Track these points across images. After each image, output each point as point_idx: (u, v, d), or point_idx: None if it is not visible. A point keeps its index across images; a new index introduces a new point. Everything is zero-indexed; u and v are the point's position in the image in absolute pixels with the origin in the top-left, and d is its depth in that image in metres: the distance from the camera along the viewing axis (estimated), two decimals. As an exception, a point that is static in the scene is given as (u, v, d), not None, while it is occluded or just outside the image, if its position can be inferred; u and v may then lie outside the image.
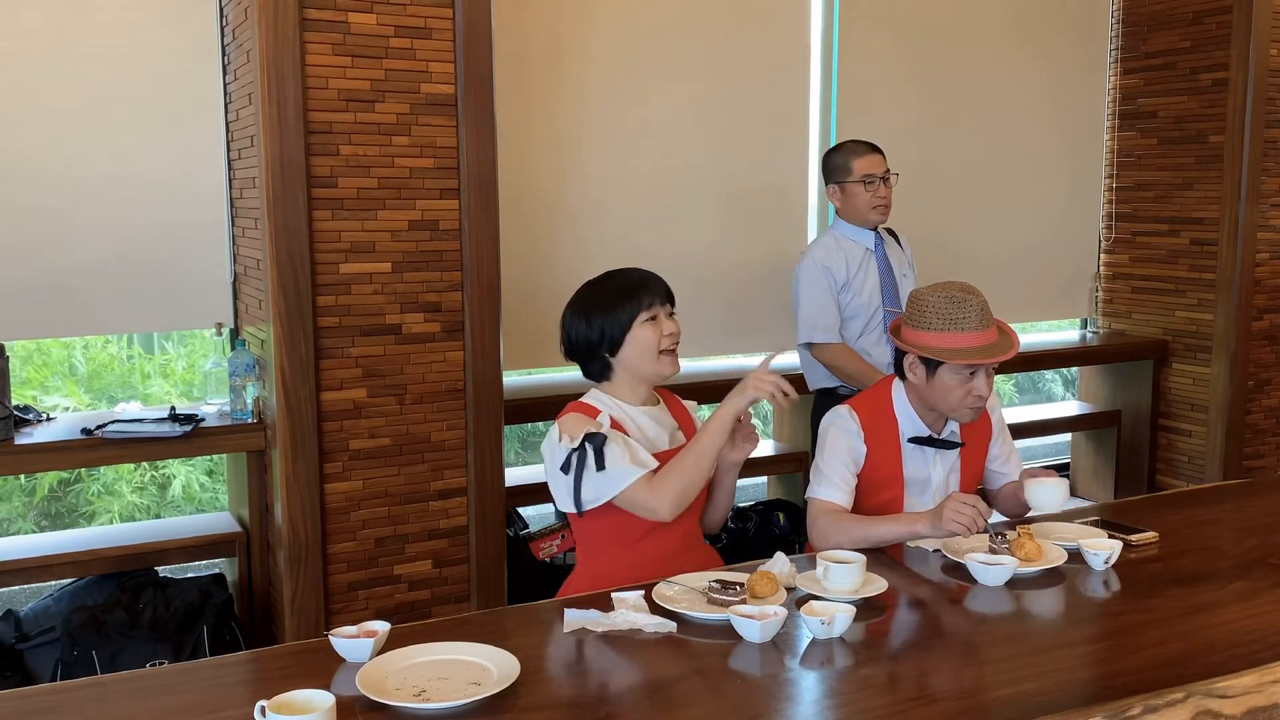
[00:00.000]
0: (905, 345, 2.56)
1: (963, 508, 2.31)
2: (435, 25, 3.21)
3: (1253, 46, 4.67)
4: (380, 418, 3.25)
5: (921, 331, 2.53)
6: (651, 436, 2.40)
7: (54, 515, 5.02)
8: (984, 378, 2.51)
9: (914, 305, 2.57)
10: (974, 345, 2.48)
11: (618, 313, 2.35)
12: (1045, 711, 1.63)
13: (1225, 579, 2.23)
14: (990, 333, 2.52)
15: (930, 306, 2.52)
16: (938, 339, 2.49)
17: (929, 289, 2.57)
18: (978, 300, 2.52)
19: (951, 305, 2.50)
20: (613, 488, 2.26)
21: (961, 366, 2.48)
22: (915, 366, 2.56)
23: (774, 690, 1.76)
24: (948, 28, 4.83)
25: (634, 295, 2.36)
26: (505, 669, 1.75)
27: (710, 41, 4.31)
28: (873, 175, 3.57)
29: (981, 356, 2.47)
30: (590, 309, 2.39)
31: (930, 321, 2.51)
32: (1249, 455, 5.00)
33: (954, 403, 2.53)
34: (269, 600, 3.37)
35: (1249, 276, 4.84)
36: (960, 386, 2.50)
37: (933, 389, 2.54)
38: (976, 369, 2.49)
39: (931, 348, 2.49)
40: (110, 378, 5.35)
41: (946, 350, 2.48)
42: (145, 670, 2.17)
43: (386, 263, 3.22)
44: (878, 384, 2.74)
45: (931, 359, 2.50)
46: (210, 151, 3.48)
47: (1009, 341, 2.54)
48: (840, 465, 2.57)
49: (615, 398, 2.41)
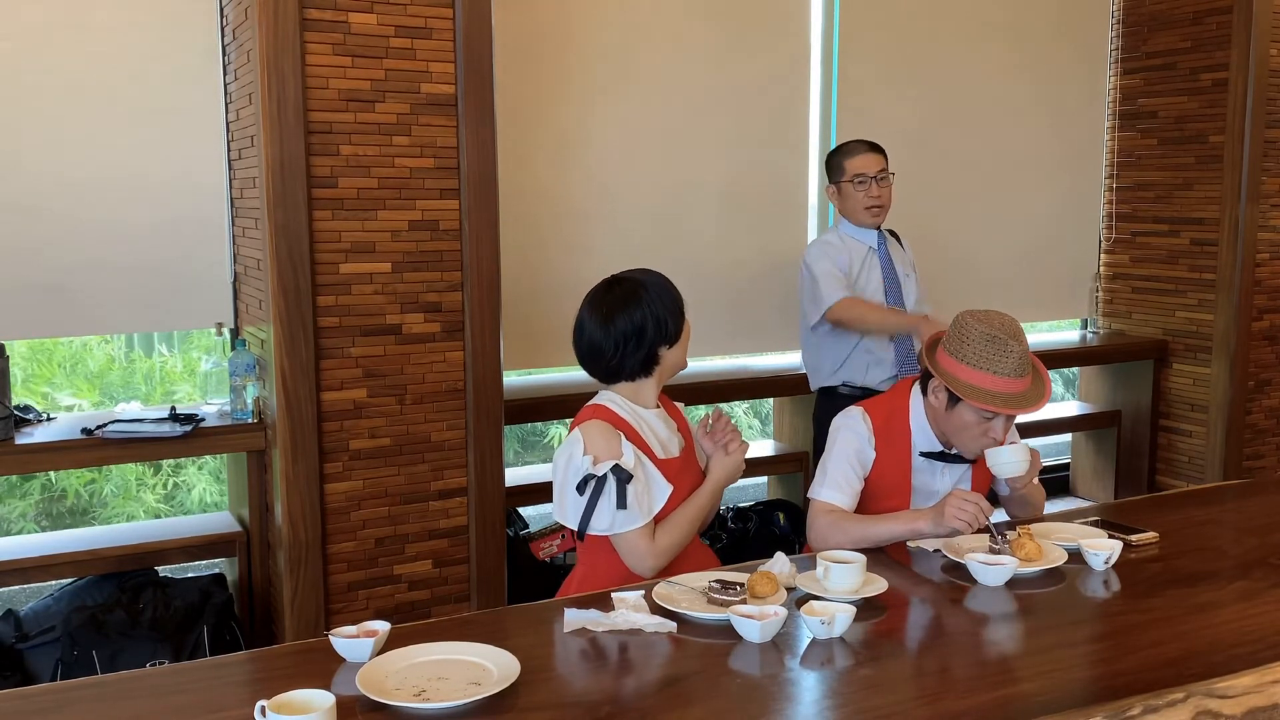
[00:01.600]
0: (934, 368, 2.50)
1: (965, 505, 2.31)
2: (435, 25, 3.21)
3: (1253, 46, 4.67)
4: (380, 418, 3.25)
5: (956, 362, 2.45)
6: (664, 440, 2.39)
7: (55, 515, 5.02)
8: (1003, 422, 2.47)
9: (956, 331, 2.49)
10: (1003, 391, 2.42)
11: (681, 309, 2.40)
12: (1045, 711, 1.63)
13: (1225, 579, 2.23)
14: (1024, 381, 2.44)
15: (971, 338, 2.44)
16: (969, 374, 2.43)
17: (975, 317, 2.46)
18: (1019, 347, 2.42)
19: (991, 345, 2.41)
20: (621, 528, 2.26)
21: (982, 409, 2.44)
22: (939, 391, 2.50)
23: (774, 690, 1.76)
24: (948, 28, 4.83)
25: (680, 308, 2.42)
26: (505, 669, 1.75)
27: (710, 42, 4.31)
28: (864, 175, 3.55)
29: (1005, 405, 2.42)
30: (666, 301, 2.37)
31: (967, 355, 2.43)
32: (1249, 455, 5.00)
33: (966, 440, 2.50)
34: (269, 600, 3.37)
35: (1249, 276, 4.84)
36: (977, 426, 2.47)
37: (950, 420, 2.50)
38: (997, 414, 2.46)
39: (960, 382, 2.43)
40: (110, 377, 5.35)
41: (973, 389, 2.42)
42: (145, 670, 2.17)
43: (387, 263, 3.22)
44: (896, 389, 2.70)
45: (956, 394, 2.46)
46: (210, 151, 3.48)
47: (1039, 392, 2.47)
48: (847, 468, 2.55)
49: (631, 401, 2.39)
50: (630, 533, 2.27)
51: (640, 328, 2.34)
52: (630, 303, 2.34)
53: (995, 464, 2.48)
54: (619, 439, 2.28)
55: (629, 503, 2.24)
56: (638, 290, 2.36)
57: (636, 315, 2.33)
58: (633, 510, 2.25)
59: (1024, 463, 2.47)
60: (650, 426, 2.38)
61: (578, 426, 2.32)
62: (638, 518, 2.26)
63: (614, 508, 2.24)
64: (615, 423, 2.32)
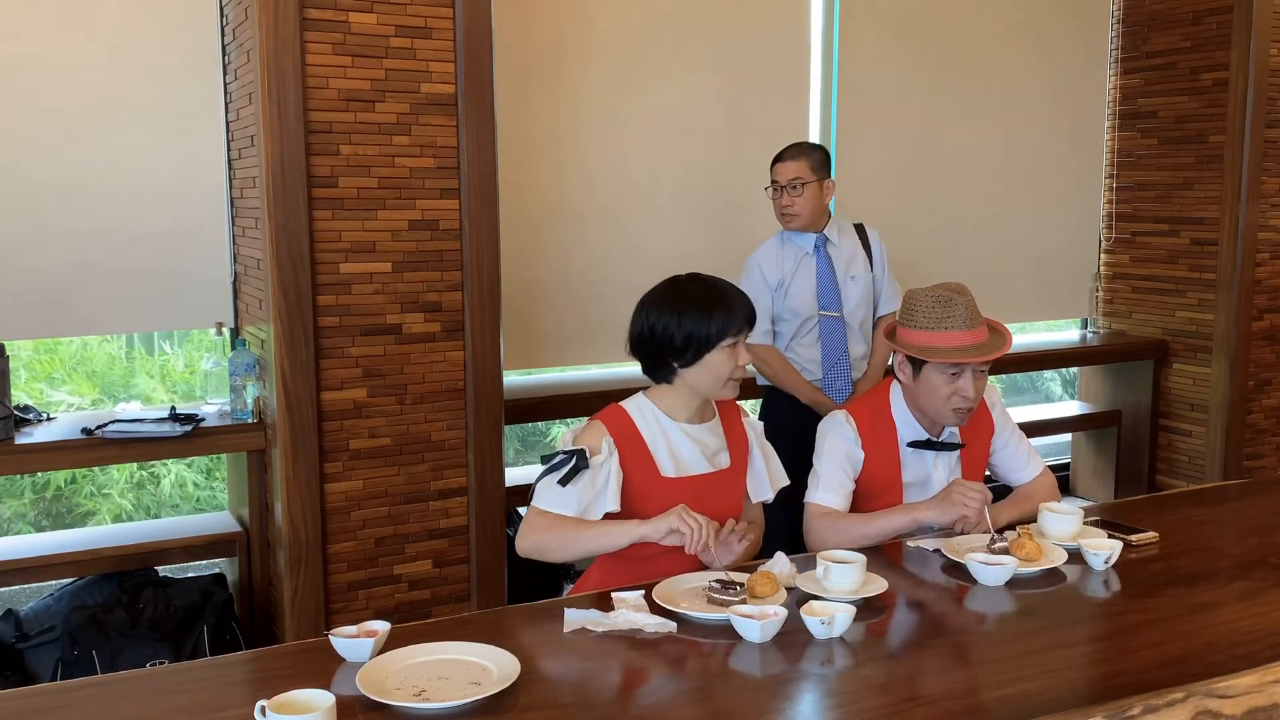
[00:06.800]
0: (894, 345, 2.57)
1: (970, 491, 2.34)
2: (435, 25, 3.21)
3: (1253, 46, 4.67)
4: (380, 417, 3.25)
5: (910, 330, 2.54)
6: (684, 457, 2.32)
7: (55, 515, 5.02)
8: (971, 379, 2.49)
9: (906, 305, 2.58)
10: (959, 344, 2.48)
11: (707, 328, 2.25)
12: (1045, 711, 1.63)
13: (1225, 579, 2.23)
14: (979, 332, 2.51)
15: (919, 306, 2.53)
16: (924, 337, 2.50)
17: (921, 289, 2.57)
18: (965, 300, 2.51)
19: (938, 305, 2.50)
20: (541, 500, 2.25)
21: (946, 365, 2.47)
22: (904, 365, 2.56)
23: (774, 690, 1.76)
24: (948, 28, 4.83)
25: (728, 314, 2.26)
26: (505, 669, 1.75)
27: (710, 41, 4.31)
28: (775, 183, 3.53)
29: (965, 355, 2.46)
30: (683, 312, 2.27)
31: (918, 321, 2.52)
32: (1249, 455, 5.00)
33: (939, 404, 2.52)
34: (269, 600, 3.37)
35: (1249, 276, 4.84)
36: (946, 386, 2.49)
37: (919, 389, 2.54)
38: (962, 369, 2.48)
39: (916, 346, 2.50)
40: (110, 376, 5.35)
41: (930, 349, 2.48)
42: (145, 670, 2.17)
43: (387, 263, 3.22)
44: (876, 388, 2.73)
45: (918, 358, 2.51)
46: (210, 151, 3.48)
47: (999, 340, 2.53)
48: (838, 470, 2.56)
49: (660, 409, 2.33)
50: (543, 507, 2.24)
51: (657, 338, 2.29)
52: (648, 313, 2.31)
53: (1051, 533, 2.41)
54: (608, 443, 2.27)
55: (569, 487, 2.21)
56: (669, 296, 2.31)
57: (649, 319, 2.30)
58: (567, 495, 2.22)
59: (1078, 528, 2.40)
60: (670, 440, 2.32)
61: (592, 418, 2.34)
62: (565, 504, 2.22)
63: (554, 483, 2.22)
64: (626, 427, 2.30)
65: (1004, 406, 2.79)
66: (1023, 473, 2.75)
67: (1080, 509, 2.48)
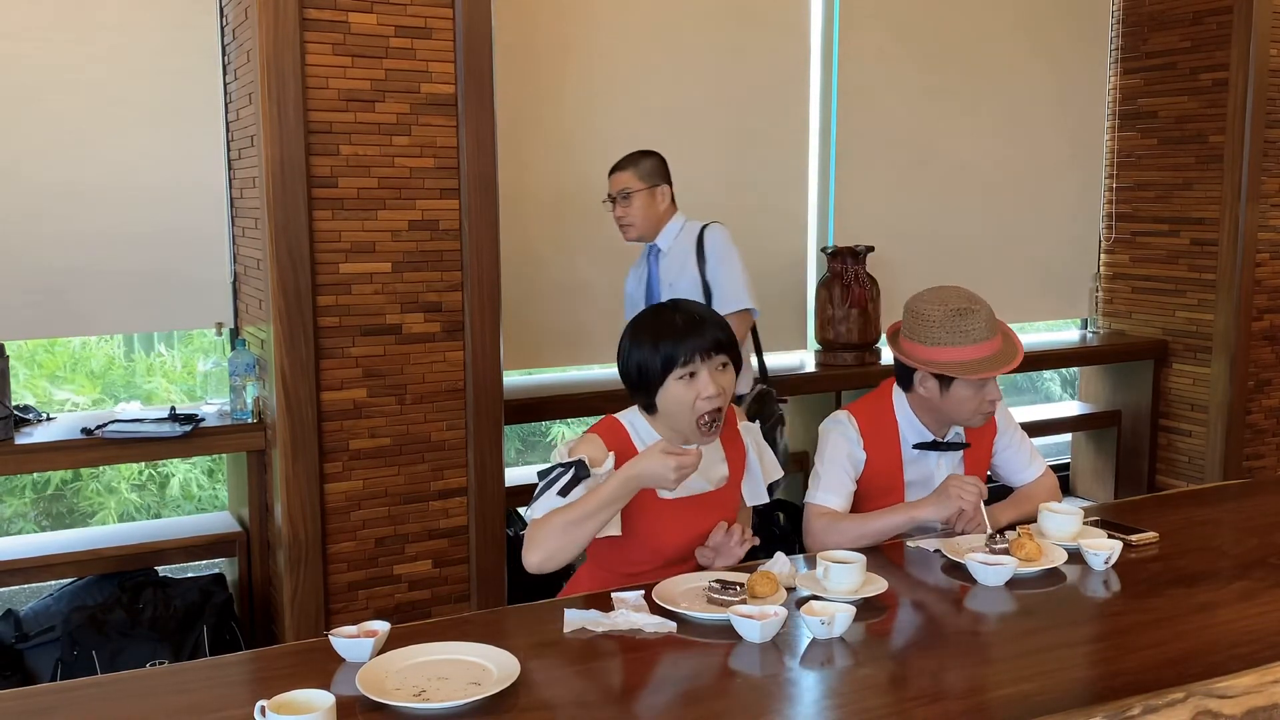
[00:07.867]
0: (912, 361, 2.53)
1: (966, 484, 2.36)
2: (435, 25, 3.21)
3: (1253, 46, 4.67)
4: (380, 418, 3.25)
5: (928, 347, 2.50)
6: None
7: (55, 515, 5.02)
8: (994, 384, 2.52)
9: (915, 318, 2.53)
10: (985, 356, 2.48)
11: (654, 360, 2.20)
12: (1045, 711, 1.63)
13: (1225, 579, 2.23)
14: (996, 340, 2.51)
15: (935, 320, 2.49)
16: (948, 353, 2.47)
17: (928, 301, 2.52)
18: (983, 310, 2.50)
19: (958, 318, 2.47)
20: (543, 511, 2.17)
21: (978, 379, 2.47)
22: (926, 381, 2.53)
23: (774, 690, 1.76)
24: (948, 28, 4.83)
25: (675, 344, 2.18)
26: (505, 669, 1.75)
27: (710, 42, 4.31)
28: (608, 195, 3.49)
29: (995, 367, 2.46)
30: (635, 344, 2.24)
31: (938, 336, 2.48)
32: (1249, 455, 5.00)
33: (968, 413, 2.53)
34: (269, 600, 3.37)
35: (1249, 276, 4.84)
36: (975, 397, 2.50)
37: (947, 402, 2.52)
38: (988, 379, 2.49)
39: (944, 363, 2.47)
40: (110, 376, 5.36)
41: (959, 365, 2.46)
42: (145, 670, 2.17)
43: (386, 263, 3.22)
44: (878, 389, 2.72)
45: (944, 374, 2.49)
46: (210, 151, 3.48)
47: (1014, 345, 2.55)
48: (840, 471, 2.56)
49: (655, 430, 2.29)
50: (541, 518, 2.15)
51: (623, 372, 2.28)
52: (624, 336, 2.29)
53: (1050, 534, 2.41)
54: (604, 453, 2.22)
55: (572, 495, 2.15)
56: (629, 328, 2.28)
57: (619, 352, 2.28)
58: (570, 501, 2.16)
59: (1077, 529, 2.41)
60: None
61: (587, 431, 2.31)
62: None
63: (555, 494, 2.16)
64: (620, 439, 2.27)
65: (1006, 407, 2.79)
66: (1025, 473, 2.75)
67: (1080, 509, 2.48)
